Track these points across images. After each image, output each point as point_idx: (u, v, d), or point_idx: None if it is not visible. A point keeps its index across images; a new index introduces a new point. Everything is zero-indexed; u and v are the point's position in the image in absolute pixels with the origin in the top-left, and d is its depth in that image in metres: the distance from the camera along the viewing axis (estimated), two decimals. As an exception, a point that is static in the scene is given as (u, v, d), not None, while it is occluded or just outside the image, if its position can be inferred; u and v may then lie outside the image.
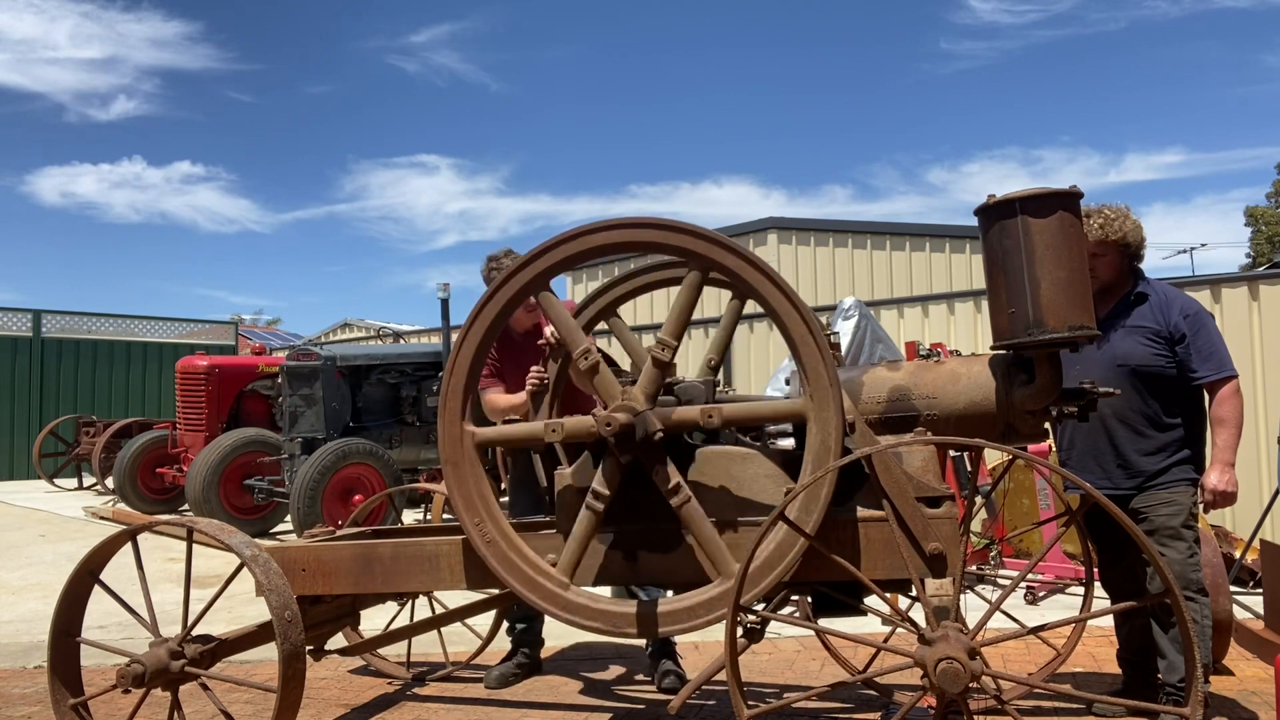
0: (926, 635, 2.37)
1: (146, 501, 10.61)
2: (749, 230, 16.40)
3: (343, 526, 4.01)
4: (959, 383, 2.90)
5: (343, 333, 24.57)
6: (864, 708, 3.74)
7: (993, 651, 4.19)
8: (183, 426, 10.46)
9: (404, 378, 9.32)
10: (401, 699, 3.96)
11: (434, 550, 3.03)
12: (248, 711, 3.73)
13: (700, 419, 2.66)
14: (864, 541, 2.72)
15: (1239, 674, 4.07)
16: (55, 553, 7.84)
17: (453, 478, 2.80)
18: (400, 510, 7.67)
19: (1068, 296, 2.68)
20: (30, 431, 15.05)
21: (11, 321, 15.90)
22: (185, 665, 2.92)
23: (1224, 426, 3.39)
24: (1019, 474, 6.16)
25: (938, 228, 16.79)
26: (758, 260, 2.65)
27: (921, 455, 2.71)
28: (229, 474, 8.82)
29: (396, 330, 16.05)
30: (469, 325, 2.83)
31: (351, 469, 7.93)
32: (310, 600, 3.19)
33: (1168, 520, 3.35)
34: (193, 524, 3.02)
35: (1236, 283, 7.41)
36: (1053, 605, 5.49)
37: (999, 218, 2.76)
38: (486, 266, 4.33)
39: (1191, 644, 2.22)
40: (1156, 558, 2.31)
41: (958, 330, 9.02)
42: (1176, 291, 3.52)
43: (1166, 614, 3.33)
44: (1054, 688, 2.66)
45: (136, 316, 17.37)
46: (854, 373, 3.06)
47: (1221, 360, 3.39)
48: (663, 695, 3.93)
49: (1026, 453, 2.82)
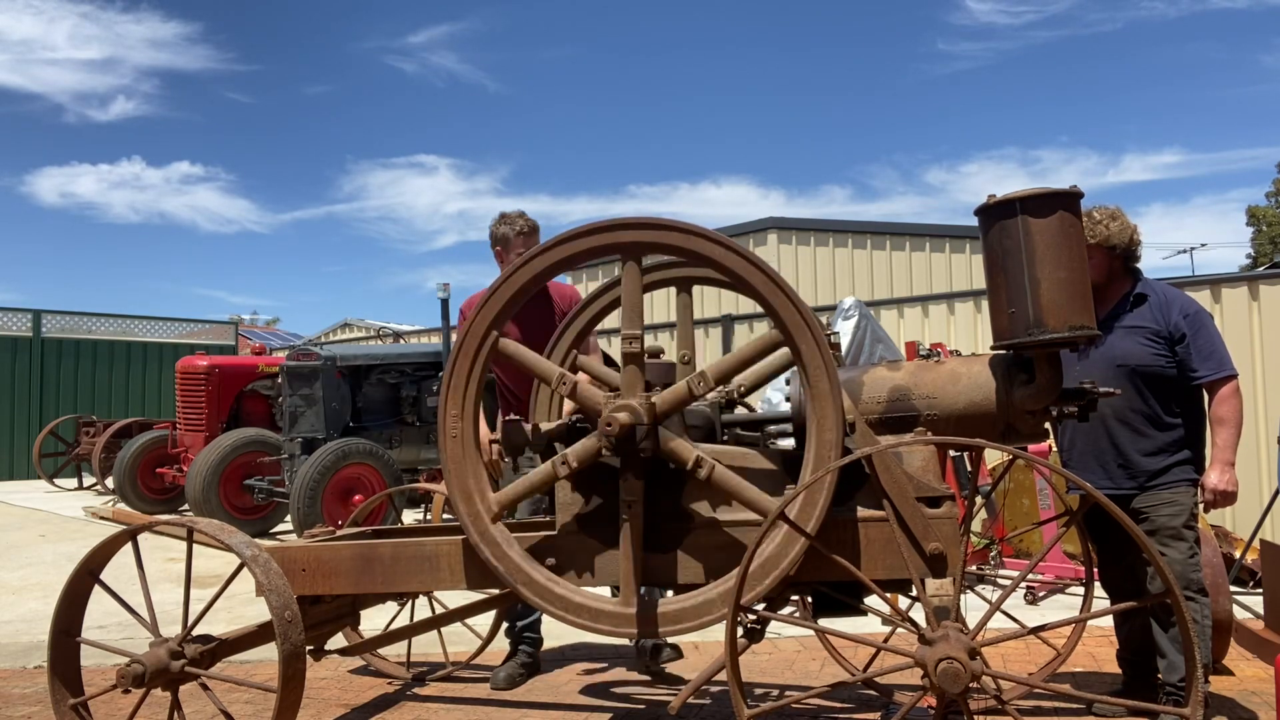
0: (927, 635, 2.37)
1: (146, 501, 10.61)
2: (749, 230, 16.39)
3: (343, 526, 4.01)
4: (959, 383, 2.90)
5: (343, 333, 24.57)
6: (864, 708, 3.74)
7: (993, 651, 4.19)
8: (183, 426, 10.46)
9: (404, 378, 9.32)
10: (401, 699, 3.96)
11: (434, 550, 3.03)
12: (248, 711, 3.73)
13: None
14: (864, 541, 2.72)
15: (1239, 674, 4.07)
16: (55, 553, 7.84)
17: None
18: (400, 510, 7.66)
19: (1068, 296, 2.68)
20: (30, 431, 15.05)
21: (11, 321, 15.90)
22: (185, 665, 2.92)
23: (1224, 426, 3.39)
24: (1019, 474, 6.16)
25: (938, 228, 16.77)
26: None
27: (921, 455, 2.71)
28: (229, 474, 8.82)
29: (396, 330, 16.05)
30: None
31: (351, 469, 7.93)
32: (310, 600, 3.19)
33: (1169, 520, 3.35)
34: (193, 524, 3.02)
35: (1236, 283, 7.41)
36: (1053, 605, 5.49)
37: (999, 218, 2.76)
38: (497, 222, 4.29)
39: (1191, 644, 2.22)
40: (1157, 558, 2.31)
41: (958, 330, 9.02)
42: (1176, 291, 3.52)
43: (1166, 614, 3.33)
44: (1054, 688, 2.66)
45: (136, 316, 17.37)
46: (854, 373, 3.06)
47: (1221, 360, 3.39)
48: (663, 690, 3.93)
49: (1026, 453, 2.82)
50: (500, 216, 4.32)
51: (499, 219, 4.32)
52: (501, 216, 4.31)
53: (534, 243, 4.15)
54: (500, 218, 4.32)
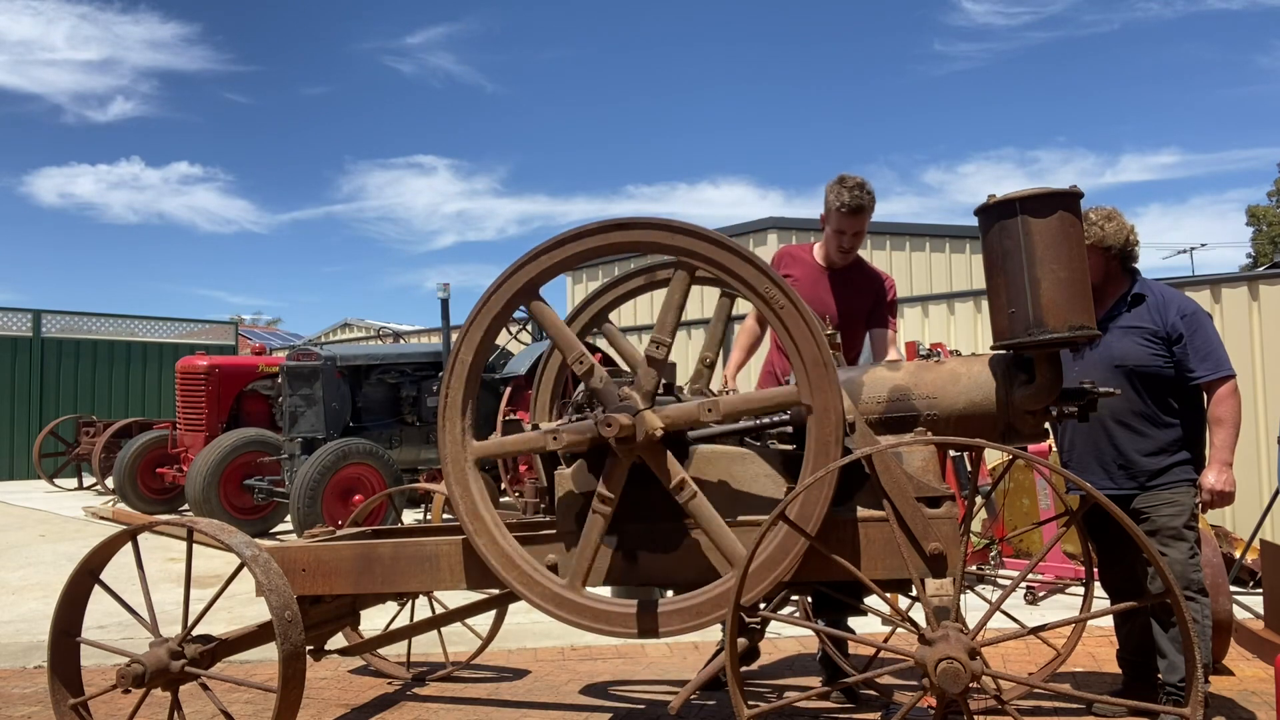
0: (927, 635, 2.37)
1: (146, 501, 10.61)
2: (749, 230, 16.39)
3: (343, 526, 4.01)
4: (959, 383, 2.90)
5: (343, 333, 24.58)
6: (864, 708, 3.74)
7: (993, 651, 4.18)
8: (183, 426, 10.46)
9: (404, 378, 9.32)
10: (401, 699, 3.96)
11: (434, 550, 3.03)
12: (248, 711, 3.73)
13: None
14: (864, 541, 2.72)
15: (1239, 674, 4.07)
16: (55, 553, 7.84)
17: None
18: (400, 510, 7.66)
19: (1068, 296, 2.68)
20: (30, 431, 15.06)
21: (11, 321, 15.91)
22: (185, 665, 2.92)
23: (1222, 426, 3.39)
24: (1019, 474, 6.16)
25: (937, 228, 16.75)
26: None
27: (921, 455, 2.71)
28: (229, 474, 8.82)
29: (396, 330, 16.04)
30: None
31: (351, 469, 7.93)
32: (310, 600, 3.19)
33: (1169, 521, 3.35)
34: (193, 524, 3.02)
35: (1236, 283, 7.41)
36: (1053, 605, 5.49)
37: (999, 218, 2.76)
38: (836, 185, 3.78)
39: (1192, 644, 2.22)
40: (1157, 558, 2.31)
41: (958, 330, 9.02)
42: (1174, 292, 3.52)
43: (1166, 614, 3.33)
44: (1054, 688, 2.66)
45: (136, 316, 17.39)
46: (854, 373, 3.06)
47: (1219, 360, 3.39)
48: (663, 690, 3.93)
49: (1026, 453, 2.82)
50: (838, 179, 3.81)
51: (835, 182, 3.81)
52: (839, 179, 3.81)
53: (853, 225, 3.82)
54: (837, 180, 3.81)
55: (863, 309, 3.97)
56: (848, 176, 3.81)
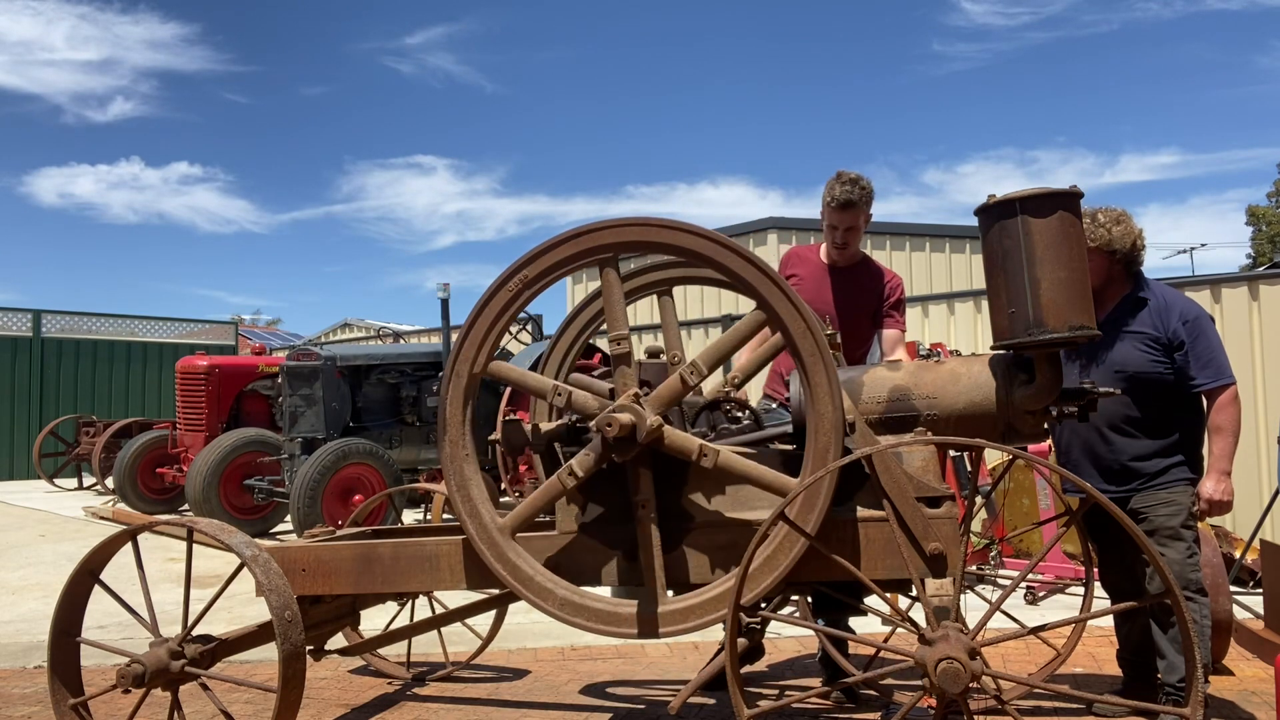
0: (927, 635, 2.37)
1: (146, 501, 10.61)
2: (749, 230, 16.38)
3: (343, 526, 4.01)
4: (959, 383, 2.90)
5: (343, 333, 24.57)
6: (864, 708, 3.74)
7: (993, 651, 4.18)
8: (183, 426, 10.46)
9: (404, 378, 9.32)
10: (401, 699, 3.96)
11: (434, 550, 3.03)
12: (248, 711, 3.73)
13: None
14: (864, 541, 2.72)
15: (1239, 674, 4.07)
16: (55, 553, 7.84)
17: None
18: (400, 510, 7.66)
19: (1068, 296, 2.68)
20: (30, 431, 15.05)
21: (11, 321, 15.91)
22: (185, 665, 2.92)
23: (1221, 434, 3.38)
24: (1019, 474, 6.16)
25: (937, 228, 16.75)
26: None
27: (921, 455, 2.71)
28: (229, 474, 8.82)
29: (396, 330, 16.05)
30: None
31: (351, 469, 7.93)
32: (310, 600, 3.19)
33: (1167, 520, 3.34)
34: (193, 524, 3.02)
35: (1236, 283, 7.40)
36: (1053, 605, 5.49)
37: (999, 218, 2.76)
38: (832, 180, 3.78)
39: (1191, 644, 2.22)
40: (1156, 558, 2.31)
41: (958, 330, 9.02)
42: (1177, 295, 3.49)
43: (1166, 614, 3.33)
44: (1054, 688, 2.66)
45: (136, 316, 17.38)
46: (854, 373, 3.06)
47: (1220, 367, 3.37)
48: (663, 690, 3.93)
49: (1026, 453, 2.82)
50: (835, 175, 3.80)
51: (831, 178, 3.80)
52: (836, 175, 3.80)
53: (844, 220, 3.81)
54: (834, 176, 3.80)
55: (866, 308, 3.96)
56: (844, 172, 3.82)
